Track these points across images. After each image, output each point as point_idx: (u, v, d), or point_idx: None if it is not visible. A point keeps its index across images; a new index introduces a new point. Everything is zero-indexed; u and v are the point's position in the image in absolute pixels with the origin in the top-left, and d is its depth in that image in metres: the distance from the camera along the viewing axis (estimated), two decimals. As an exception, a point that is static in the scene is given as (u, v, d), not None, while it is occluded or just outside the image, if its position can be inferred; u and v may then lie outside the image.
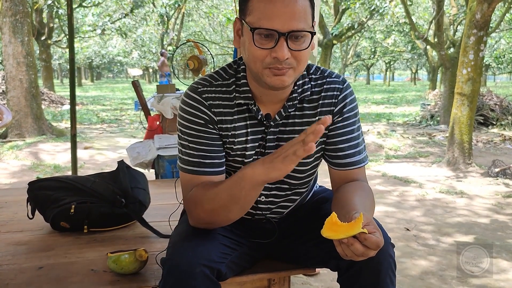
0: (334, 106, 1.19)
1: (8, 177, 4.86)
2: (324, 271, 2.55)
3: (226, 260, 1.13)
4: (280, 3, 0.98)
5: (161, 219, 1.72)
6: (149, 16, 20.39)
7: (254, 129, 1.18)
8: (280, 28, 0.99)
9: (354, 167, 1.21)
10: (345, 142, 1.20)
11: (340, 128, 1.19)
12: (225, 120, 1.16)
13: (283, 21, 0.99)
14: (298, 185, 1.27)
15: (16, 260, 1.39)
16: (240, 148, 1.18)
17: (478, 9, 4.96)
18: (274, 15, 0.99)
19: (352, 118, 1.20)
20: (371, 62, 36.72)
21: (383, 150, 6.64)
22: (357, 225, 0.93)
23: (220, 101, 1.15)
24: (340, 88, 1.19)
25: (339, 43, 14.82)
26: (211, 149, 1.14)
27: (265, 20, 0.99)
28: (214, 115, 1.15)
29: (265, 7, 0.99)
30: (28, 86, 7.04)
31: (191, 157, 1.14)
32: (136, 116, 11.12)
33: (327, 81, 1.19)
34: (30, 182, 1.69)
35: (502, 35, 23.13)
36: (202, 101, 1.14)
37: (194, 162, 1.14)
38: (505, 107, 9.39)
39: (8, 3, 6.71)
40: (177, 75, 3.65)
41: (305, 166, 1.23)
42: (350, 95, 1.20)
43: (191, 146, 1.14)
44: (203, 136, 1.14)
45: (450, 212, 3.81)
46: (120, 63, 44.04)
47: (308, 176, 1.27)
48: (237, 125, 1.17)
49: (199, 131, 1.13)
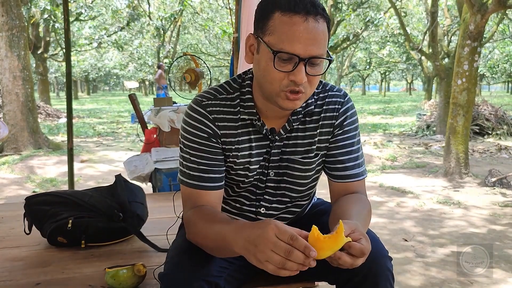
0: (335, 120, 1.20)
1: (4, 192, 4.83)
2: (323, 284, 2.54)
3: (224, 274, 1.12)
4: (304, 28, 0.98)
5: (159, 233, 1.71)
6: (145, 29, 20.50)
7: (259, 143, 1.19)
8: (302, 53, 0.99)
9: (353, 180, 1.22)
10: (345, 154, 1.21)
11: (340, 141, 1.21)
12: (229, 134, 1.16)
13: (305, 47, 0.98)
14: (299, 198, 1.28)
15: (13, 276, 1.38)
16: (244, 162, 1.19)
17: (471, 20, 5.02)
18: (296, 40, 0.98)
19: (352, 131, 1.22)
20: (367, 72, 36.97)
21: (379, 161, 6.65)
22: (340, 237, 0.91)
23: (224, 114, 1.15)
24: (341, 102, 1.21)
25: (334, 54, 14.93)
26: (212, 163, 1.14)
27: (287, 44, 0.98)
28: (218, 128, 1.15)
29: (288, 30, 0.98)
30: (25, 100, 7.04)
31: (192, 170, 1.14)
32: (132, 129, 11.11)
33: (328, 95, 1.21)
34: (27, 197, 1.68)
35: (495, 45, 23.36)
36: (207, 114, 1.14)
37: (194, 176, 1.14)
38: (500, 116, 9.45)
39: (4, 17, 6.74)
40: (173, 87, 3.67)
41: (306, 179, 1.24)
42: (351, 109, 1.22)
43: (192, 160, 1.14)
44: (206, 150, 1.14)
45: (447, 222, 3.81)
46: (116, 76, 44.12)
47: (309, 189, 1.28)
48: (240, 139, 1.17)
49: (202, 144, 1.13)
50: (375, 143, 7.96)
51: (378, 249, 1.10)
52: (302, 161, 1.21)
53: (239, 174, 1.20)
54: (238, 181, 1.21)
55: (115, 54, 29.11)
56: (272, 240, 0.86)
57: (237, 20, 2.71)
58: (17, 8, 6.88)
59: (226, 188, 1.24)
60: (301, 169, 1.22)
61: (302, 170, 1.22)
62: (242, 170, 1.19)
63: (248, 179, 1.21)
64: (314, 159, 1.22)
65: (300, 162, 1.21)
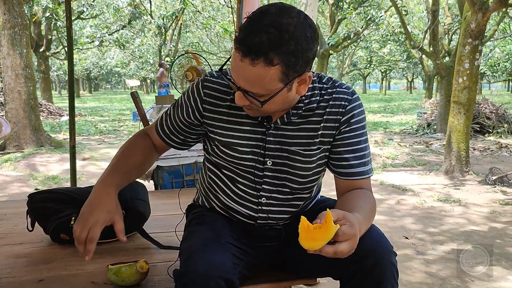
0: (341, 116, 1.21)
1: (6, 189, 4.85)
2: (324, 281, 2.55)
3: (236, 270, 1.13)
4: (240, 66, 1.05)
5: (161, 230, 1.73)
6: (147, 27, 20.51)
7: (253, 128, 1.24)
8: (236, 82, 1.09)
9: (358, 178, 1.23)
10: (351, 152, 1.22)
11: (346, 139, 1.22)
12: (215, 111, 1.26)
13: (238, 80, 1.08)
14: (299, 190, 1.29)
15: (16, 273, 1.39)
16: (229, 142, 1.25)
17: (473, 19, 5.01)
18: (233, 71, 1.09)
19: (359, 129, 1.23)
20: (367, 71, 36.90)
21: (380, 159, 6.66)
22: (330, 226, 0.92)
23: (218, 93, 1.25)
24: (349, 99, 1.22)
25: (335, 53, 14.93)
26: (174, 122, 1.33)
27: (231, 70, 1.11)
28: (205, 104, 1.26)
29: (232, 60, 1.08)
30: (27, 98, 7.05)
31: (164, 117, 1.37)
32: (134, 127, 11.13)
33: (336, 91, 1.22)
34: (30, 194, 1.69)
35: (496, 44, 23.32)
36: (200, 90, 1.26)
37: (162, 121, 1.36)
38: (501, 115, 9.45)
39: (6, 15, 6.75)
40: (175, 85, 3.68)
41: (307, 171, 1.25)
42: (358, 107, 1.23)
43: (169, 111, 1.36)
44: (179, 114, 1.31)
45: (447, 220, 3.82)
46: (118, 74, 44.14)
47: (310, 182, 1.29)
48: (229, 118, 1.25)
49: (181, 108, 1.31)
50: (376, 141, 7.97)
51: (382, 244, 1.11)
52: (303, 153, 1.22)
53: (227, 153, 1.26)
54: (231, 162, 1.27)
55: (117, 52, 29.10)
56: (89, 222, 1.16)
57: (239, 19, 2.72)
58: (19, 6, 6.89)
59: (229, 174, 1.29)
60: (301, 161, 1.23)
61: (303, 162, 1.23)
62: (229, 149, 1.25)
63: (238, 160, 1.25)
64: (315, 152, 1.23)
65: (301, 154, 1.23)
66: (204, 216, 1.34)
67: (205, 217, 1.33)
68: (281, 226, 1.32)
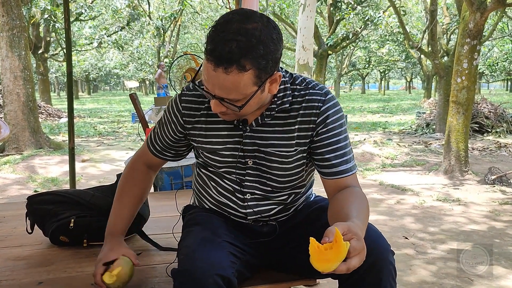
0: (316, 117, 1.22)
1: (6, 191, 4.84)
2: (324, 281, 2.55)
3: (233, 269, 1.14)
4: (213, 75, 1.07)
5: (160, 232, 1.73)
6: (146, 28, 20.51)
7: (230, 132, 1.27)
8: (211, 91, 1.11)
9: (342, 176, 1.24)
10: (331, 152, 1.23)
11: (325, 139, 1.23)
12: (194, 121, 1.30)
13: (213, 89, 1.10)
14: (280, 188, 1.31)
15: (15, 276, 1.38)
16: (210, 149, 1.30)
17: (471, 19, 5.02)
18: (207, 81, 1.11)
19: (337, 128, 1.24)
20: (366, 71, 36.97)
21: (379, 159, 6.66)
22: (341, 245, 0.90)
23: (195, 104, 1.29)
24: (323, 100, 1.23)
25: (334, 53, 14.94)
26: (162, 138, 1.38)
27: (204, 81, 1.12)
28: (184, 116, 1.31)
29: (204, 71, 1.10)
30: (25, 100, 7.05)
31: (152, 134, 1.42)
32: (133, 128, 11.13)
33: (309, 92, 1.24)
34: (29, 197, 1.69)
35: (495, 44, 23.36)
36: (179, 104, 1.31)
37: (151, 138, 1.41)
38: (499, 114, 9.46)
39: (5, 17, 6.75)
40: (174, 86, 3.68)
41: (285, 171, 1.27)
42: (333, 107, 1.24)
43: (156, 128, 1.41)
44: (165, 129, 1.36)
45: (447, 220, 3.82)
46: (116, 76, 44.16)
47: (290, 181, 1.30)
48: (208, 126, 1.29)
49: (166, 124, 1.36)
50: (375, 141, 7.97)
51: (380, 243, 1.12)
52: (279, 153, 1.25)
53: (210, 157, 1.32)
54: (215, 166, 1.33)
55: (116, 54, 29.12)
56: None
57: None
58: (18, 8, 6.89)
59: (217, 171, 1.34)
60: (278, 161, 1.26)
61: (279, 162, 1.26)
62: (212, 154, 1.30)
63: (220, 164, 1.30)
64: (292, 153, 1.25)
65: (277, 155, 1.25)
66: (200, 216, 1.36)
67: (202, 217, 1.35)
68: (275, 222, 1.34)
